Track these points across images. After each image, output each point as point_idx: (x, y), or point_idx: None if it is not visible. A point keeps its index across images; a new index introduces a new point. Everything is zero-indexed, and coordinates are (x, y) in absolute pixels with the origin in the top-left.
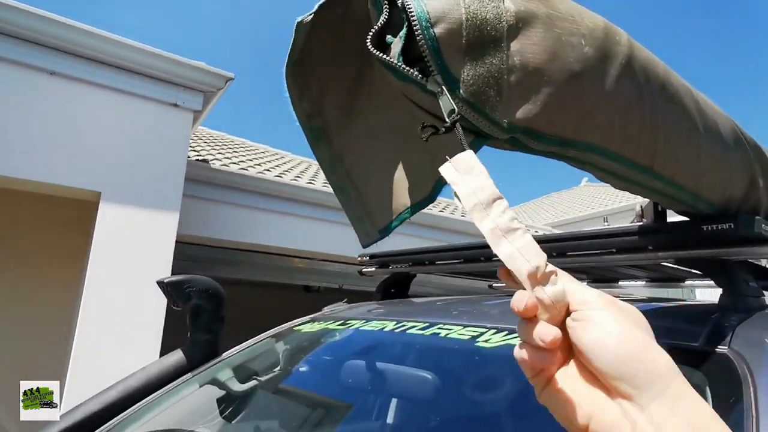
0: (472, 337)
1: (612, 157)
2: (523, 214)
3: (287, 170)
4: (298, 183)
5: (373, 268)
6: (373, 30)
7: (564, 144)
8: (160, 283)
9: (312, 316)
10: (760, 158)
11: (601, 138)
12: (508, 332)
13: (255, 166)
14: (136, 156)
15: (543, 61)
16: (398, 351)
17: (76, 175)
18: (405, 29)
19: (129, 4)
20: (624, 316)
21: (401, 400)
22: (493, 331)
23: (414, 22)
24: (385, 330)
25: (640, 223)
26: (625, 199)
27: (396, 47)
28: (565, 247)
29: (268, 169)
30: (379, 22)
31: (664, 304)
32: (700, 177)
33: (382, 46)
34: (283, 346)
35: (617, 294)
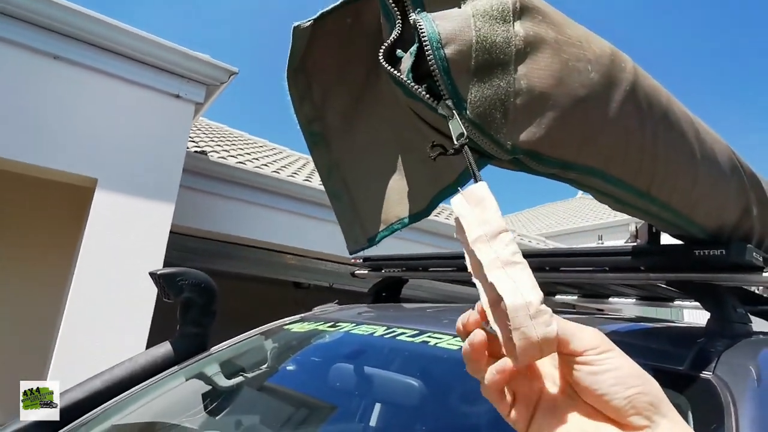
0: (461, 347)
1: (611, 182)
2: (518, 223)
3: (285, 166)
4: (295, 180)
5: (366, 271)
6: (385, 44)
7: (565, 167)
8: (153, 275)
9: (302, 315)
10: (755, 187)
11: (602, 162)
12: None
13: (253, 160)
14: (135, 145)
15: (549, 86)
16: (386, 357)
17: (74, 160)
18: (416, 47)
19: None
20: (623, 354)
21: (386, 406)
22: None
23: (425, 42)
24: (375, 335)
25: (634, 244)
26: (620, 214)
27: (406, 63)
28: (558, 263)
29: (266, 164)
30: (392, 37)
31: (652, 325)
32: (696, 203)
33: (393, 59)
34: (271, 344)
35: (606, 309)
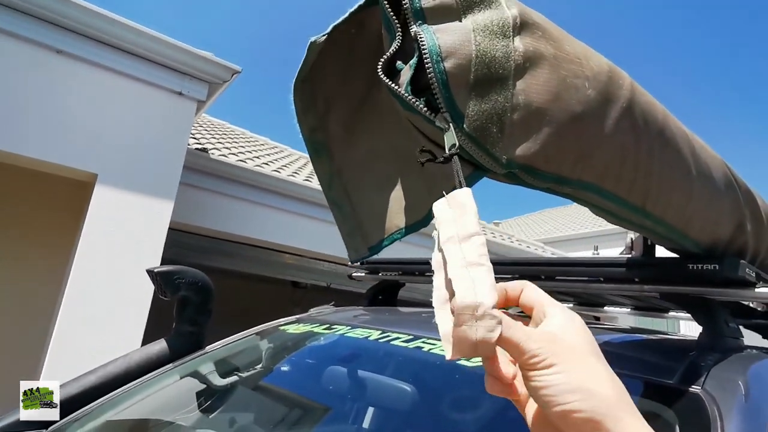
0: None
1: (606, 197)
2: (517, 228)
3: (285, 165)
4: (295, 179)
5: (363, 273)
6: (384, 57)
7: (560, 182)
8: (150, 272)
9: (298, 316)
10: (750, 203)
11: (597, 178)
12: None
13: (253, 158)
14: (136, 141)
15: (546, 102)
16: (380, 361)
17: (74, 154)
18: (416, 59)
19: None
20: (569, 363)
21: (378, 410)
22: None
23: (425, 55)
24: (369, 339)
25: (629, 255)
26: None
27: (405, 75)
28: (554, 272)
29: (267, 163)
30: (391, 49)
31: (644, 336)
32: (690, 219)
33: (392, 71)
34: (266, 345)
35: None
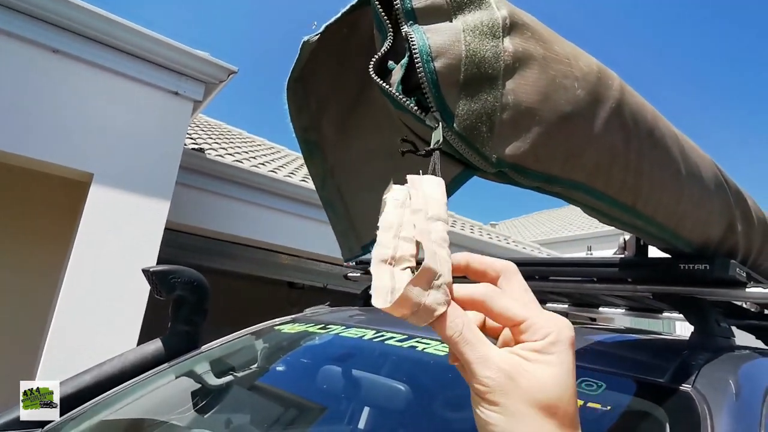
0: (448, 353)
1: (596, 196)
2: (513, 229)
3: (282, 165)
4: (292, 180)
5: (359, 274)
6: (376, 56)
7: (550, 181)
8: (146, 272)
9: (293, 316)
10: (740, 203)
11: (587, 177)
12: None
13: (250, 158)
14: (132, 141)
15: (535, 102)
16: (374, 360)
17: (70, 154)
18: (406, 59)
19: None
20: (515, 406)
21: (372, 409)
22: None
23: (415, 55)
24: (364, 338)
25: (622, 256)
26: None
27: (396, 75)
28: (548, 272)
29: (263, 163)
30: (383, 48)
31: (637, 336)
32: (680, 219)
33: (384, 70)
34: (262, 344)
35: (599, 319)
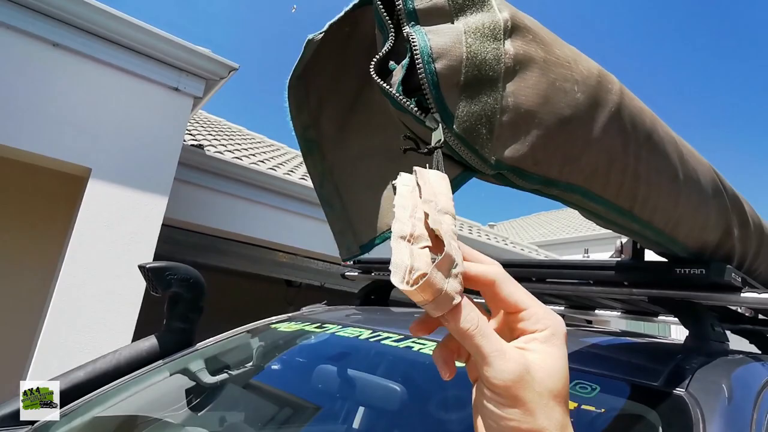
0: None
1: (594, 199)
2: (511, 230)
3: (281, 163)
4: (291, 177)
5: (356, 273)
6: (377, 57)
7: (548, 183)
8: (142, 268)
9: (289, 315)
10: (736, 208)
11: (585, 181)
12: None
13: (249, 156)
14: (131, 136)
15: (535, 104)
16: (370, 360)
17: (68, 148)
18: (407, 60)
19: None
20: (529, 403)
21: (367, 409)
22: None
23: (416, 55)
24: (360, 338)
25: (618, 259)
26: None
27: (397, 76)
28: (544, 274)
29: (262, 161)
30: (384, 49)
31: (632, 339)
32: (677, 223)
33: (385, 70)
34: (257, 343)
35: (595, 321)
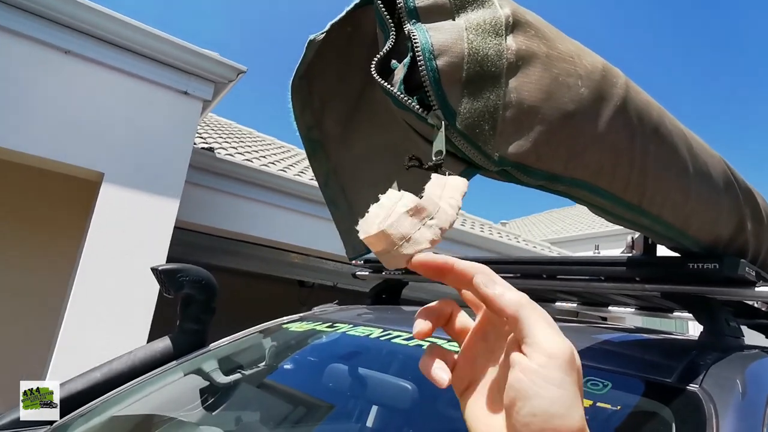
0: (456, 352)
1: (600, 194)
2: (524, 228)
3: (292, 164)
4: (301, 179)
5: (367, 272)
6: (378, 56)
7: (553, 179)
8: (154, 270)
9: (301, 315)
10: (749, 202)
11: (590, 176)
12: None
13: (260, 158)
14: (142, 140)
15: (538, 100)
16: (381, 359)
17: (81, 153)
18: (409, 58)
19: None
20: (572, 378)
21: (380, 408)
22: None
23: (418, 53)
24: (371, 337)
25: (629, 255)
26: None
27: (399, 74)
28: (555, 271)
29: (273, 162)
30: (385, 48)
31: (646, 336)
32: (688, 217)
33: (386, 69)
34: (269, 342)
35: (609, 318)
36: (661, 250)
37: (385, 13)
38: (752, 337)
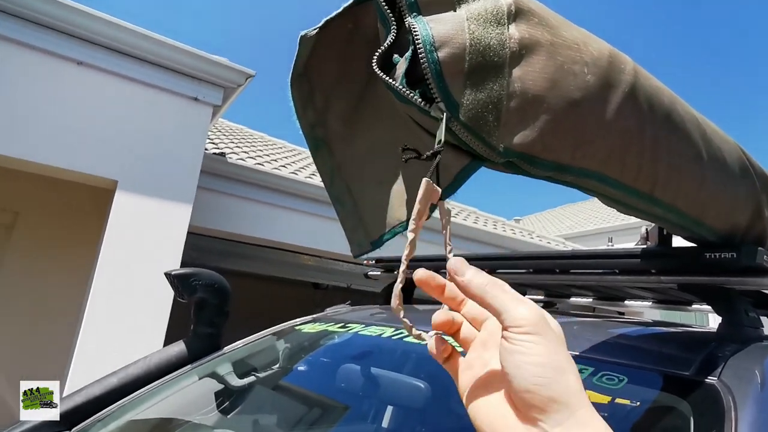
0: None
1: (610, 184)
2: (538, 224)
3: (303, 167)
4: (313, 181)
5: (379, 272)
6: (379, 51)
7: (560, 170)
8: (168, 275)
9: (314, 316)
10: (767, 188)
11: (599, 165)
12: None
13: (271, 161)
14: (154, 147)
15: (543, 89)
16: (394, 358)
17: (95, 162)
18: (410, 51)
19: None
20: (551, 341)
21: (394, 407)
22: None
23: (419, 45)
24: (383, 336)
25: (644, 246)
26: None
27: (401, 68)
28: (568, 265)
29: (284, 165)
30: (386, 42)
31: (665, 329)
32: (703, 205)
33: (388, 64)
34: (283, 345)
35: (627, 313)
36: (677, 241)
37: (386, 7)
38: None
